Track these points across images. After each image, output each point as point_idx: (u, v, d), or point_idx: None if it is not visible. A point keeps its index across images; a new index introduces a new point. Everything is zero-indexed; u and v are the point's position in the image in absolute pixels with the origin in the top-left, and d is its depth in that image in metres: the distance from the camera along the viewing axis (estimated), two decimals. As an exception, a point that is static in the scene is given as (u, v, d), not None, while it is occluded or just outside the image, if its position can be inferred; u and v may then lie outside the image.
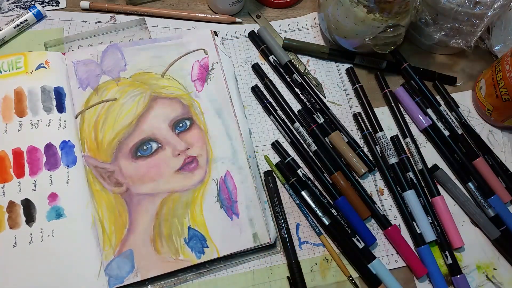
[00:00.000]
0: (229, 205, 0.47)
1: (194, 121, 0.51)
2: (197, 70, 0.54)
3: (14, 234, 0.44)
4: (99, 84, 0.51)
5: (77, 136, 0.49)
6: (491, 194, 0.50)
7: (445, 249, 0.48)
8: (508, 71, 0.50)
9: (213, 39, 0.56)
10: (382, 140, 0.53)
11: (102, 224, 0.45)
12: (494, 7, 0.50)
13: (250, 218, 0.47)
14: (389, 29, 0.50)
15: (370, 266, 0.46)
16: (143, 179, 0.47)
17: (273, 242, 0.46)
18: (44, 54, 0.52)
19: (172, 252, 0.45)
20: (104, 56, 0.53)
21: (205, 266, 0.45)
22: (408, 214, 0.49)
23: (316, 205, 0.48)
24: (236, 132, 0.51)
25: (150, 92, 0.52)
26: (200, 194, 0.47)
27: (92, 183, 0.47)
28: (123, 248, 0.44)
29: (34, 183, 0.46)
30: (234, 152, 0.50)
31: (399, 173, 0.51)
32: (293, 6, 0.64)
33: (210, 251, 0.45)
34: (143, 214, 0.46)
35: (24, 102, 0.49)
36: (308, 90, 0.55)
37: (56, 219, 0.44)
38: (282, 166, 0.50)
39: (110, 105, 0.50)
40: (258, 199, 0.47)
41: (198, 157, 0.49)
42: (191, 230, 0.46)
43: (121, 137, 0.49)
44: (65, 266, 0.43)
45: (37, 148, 0.47)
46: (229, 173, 0.49)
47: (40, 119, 0.48)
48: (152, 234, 0.45)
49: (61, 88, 0.51)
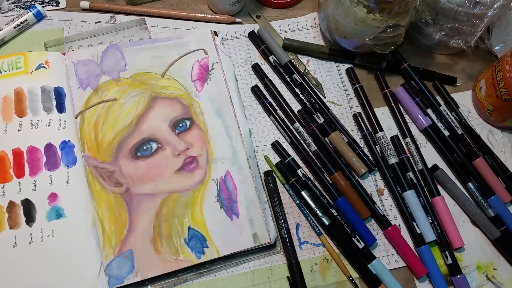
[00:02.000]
0: (229, 205, 0.47)
1: (194, 121, 0.51)
2: (197, 70, 0.54)
3: (14, 234, 0.44)
4: (99, 84, 0.51)
5: (77, 136, 0.49)
6: (491, 194, 0.50)
7: (445, 249, 0.48)
8: (508, 71, 0.50)
9: (213, 39, 0.56)
10: (382, 140, 0.53)
11: (102, 224, 0.45)
12: (494, 7, 0.50)
13: (250, 218, 0.47)
14: (389, 29, 0.50)
15: (370, 266, 0.46)
16: (143, 179, 0.47)
17: (273, 242, 0.46)
18: (44, 54, 0.52)
19: (172, 252, 0.45)
20: (104, 56, 0.53)
21: (205, 266, 0.45)
22: (408, 214, 0.49)
23: (316, 205, 0.48)
24: (236, 132, 0.51)
25: (150, 92, 0.52)
26: (200, 194, 0.47)
27: (92, 183, 0.47)
28: (123, 248, 0.44)
29: (34, 183, 0.46)
30: (234, 152, 0.50)
31: (399, 173, 0.51)
32: (293, 6, 0.64)
33: (210, 251, 0.45)
34: (143, 214, 0.46)
35: (24, 102, 0.49)
36: (308, 90, 0.55)
37: (56, 219, 0.44)
38: (282, 166, 0.50)
39: (110, 105, 0.50)
40: (258, 199, 0.47)
41: (198, 157, 0.49)
42: (191, 230, 0.46)
43: (121, 137, 0.49)
44: (65, 266, 0.43)
45: (37, 148, 0.47)
46: (229, 173, 0.49)
47: (40, 119, 0.48)
48: (152, 234, 0.45)
49: (61, 88, 0.51)
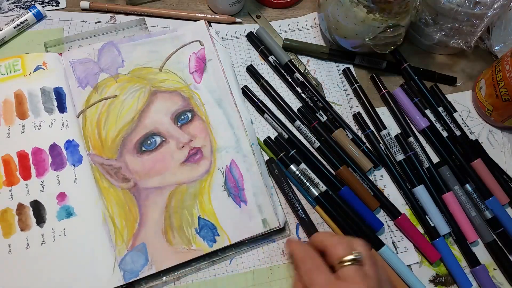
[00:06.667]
0: (237, 193, 0.48)
1: (196, 113, 0.51)
2: (194, 62, 0.54)
3: (26, 236, 0.44)
4: (98, 82, 0.51)
5: (80, 135, 0.49)
6: (489, 195, 0.50)
7: (462, 243, 0.48)
8: (508, 71, 0.50)
9: (207, 30, 0.56)
10: (388, 138, 0.53)
11: (113, 220, 0.45)
12: (494, 7, 0.50)
13: (258, 205, 0.47)
14: (389, 29, 0.50)
15: (380, 253, 0.46)
16: (150, 173, 0.48)
17: (283, 226, 0.47)
18: (40, 55, 0.51)
19: (184, 242, 0.45)
20: (101, 54, 0.53)
21: (218, 254, 0.46)
22: (420, 209, 0.49)
23: (307, 179, 0.49)
24: (238, 121, 0.51)
25: (149, 86, 0.52)
26: (207, 184, 0.48)
27: (99, 180, 0.47)
28: (135, 242, 0.45)
29: (41, 184, 0.46)
30: (237, 141, 0.50)
31: (407, 169, 0.51)
32: (293, 6, 0.64)
33: (221, 239, 0.46)
34: (153, 207, 0.46)
35: (25, 104, 0.49)
36: (310, 89, 0.55)
37: (67, 218, 0.45)
38: (270, 142, 0.52)
39: (111, 102, 0.50)
40: (265, 185, 0.48)
41: (202, 148, 0.49)
42: (201, 220, 0.46)
43: (124, 133, 0.49)
44: (79, 264, 0.43)
45: (42, 149, 0.47)
46: (234, 162, 0.49)
47: (43, 120, 0.48)
48: (163, 226, 0.46)
49: (61, 88, 0.51)
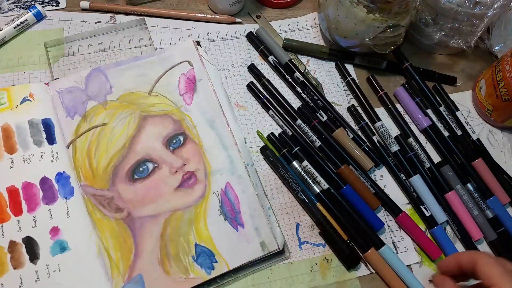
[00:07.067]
0: (233, 216, 0.47)
1: (188, 136, 0.50)
2: (184, 83, 0.53)
3: (19, 274, 0.43)
4: (86, 111, 0.50)
5: (71, 166, 0.48)
6: (490, 195, 0.50)
7: (467, 242, 0.48)
8: (508, 71, 0.50)
9: (196, 49, 0.55)
10: (382, 129, 0.53)
11: (107, 252, 0.44)
12: (494, 7, 0.50)
13: (255, 227, 0.46)
14: (389, 29, 0.50)
15: (380, 253, 0.46)
16: (143, 201, 0.47)
17: (281, 248, 0.46)
18: (27, 86, 0.51)
19: (182, 271, 0.44)
20: (88, 81, 0.52)
21: (216, 281, 0.45)
22: (417, 199, 0.50)
23: (309, 176, 0.49)
24: (231, 142, 0.50)
25: (139, 111, 0.51)
26: (203, 209, 0.47)
27: (92, 212, 0.46)
28: (132, 274, 0.44)
29: (33, 219, 0.45)
30: (231, 162, 0.49)
31: (403, 160, 0.51)
32: (293, 6, 0.64)
33: (219, 265, 0.45)
34: (148, 237, 0.45)
35: (13, 138, 0.48)
36: (310, 88, 0.55)
37: (61, 253, 0.44)
38: (274, 139, 0.52)
39: (101, 131, 0.49)
40: (261, 206, 0.47)
41: (196, 172, 0.48)
42: (198, 247, 0.45)
43: (115, 161, 0.48)
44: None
45: (32, 183, 0.46)
46: (229, 184, 0.48)
47: (32, 154, 0.47)
48: (160, 256, 0.45)
49: (49, 119, 0.50)
